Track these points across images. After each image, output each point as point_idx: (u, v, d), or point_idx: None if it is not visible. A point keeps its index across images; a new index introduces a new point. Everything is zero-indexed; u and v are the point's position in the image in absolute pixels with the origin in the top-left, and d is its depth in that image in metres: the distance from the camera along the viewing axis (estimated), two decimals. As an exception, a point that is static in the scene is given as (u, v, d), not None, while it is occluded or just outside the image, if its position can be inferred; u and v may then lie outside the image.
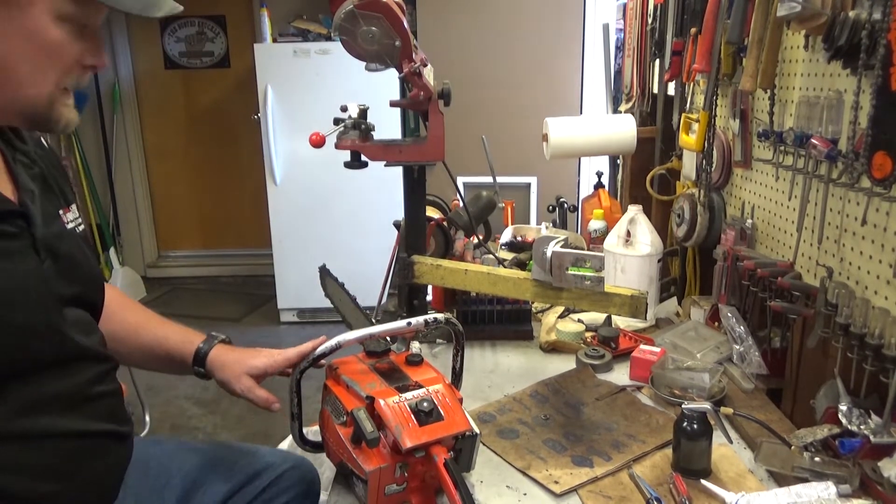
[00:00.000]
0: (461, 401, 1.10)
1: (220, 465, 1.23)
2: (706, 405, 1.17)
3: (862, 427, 1.07)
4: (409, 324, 1.16)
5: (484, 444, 1.26)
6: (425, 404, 1.04)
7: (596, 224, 2.29)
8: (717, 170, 1.78)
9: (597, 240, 2.22)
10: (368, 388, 1.08)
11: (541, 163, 2.74)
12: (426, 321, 1.17)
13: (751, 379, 1.44)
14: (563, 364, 1.59)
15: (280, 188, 4.19)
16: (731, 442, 1.22)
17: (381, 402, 1.04)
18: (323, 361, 1.14)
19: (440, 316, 1.18)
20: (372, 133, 1.48)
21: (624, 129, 2.11)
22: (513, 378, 1.54)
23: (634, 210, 1.91)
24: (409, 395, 1.06)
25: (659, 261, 1.91)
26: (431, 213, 1.93)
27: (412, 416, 1.03)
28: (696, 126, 1.79)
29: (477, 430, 1.08)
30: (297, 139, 4.10)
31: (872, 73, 1.07)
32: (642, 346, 1.54)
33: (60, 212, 1.01)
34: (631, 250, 1.88)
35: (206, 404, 3.32)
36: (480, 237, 2.00)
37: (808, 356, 1.32)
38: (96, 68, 0.87)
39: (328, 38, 4.08)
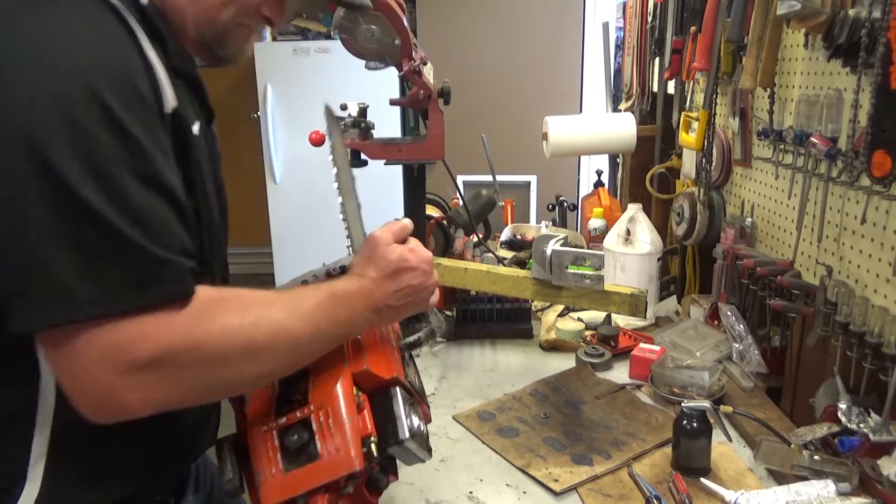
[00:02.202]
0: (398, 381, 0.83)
1: None
2: (706, 403, 1.17)
3: (861, 425, 1.07)
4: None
5: (483, 443, 1.26)
6: (294, 438, 0.74)
7: (596, 222, 2.29)
8: (716, 168, 1.78)
9: (596, 238, 2.22)
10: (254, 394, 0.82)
11: (540, 161, 2.74)
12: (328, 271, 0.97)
13: (750, 377, 1.44)
14: (562, 362, 1.60)
15: (280, 187, 4.19)
16: (730, 440, 1.22)
17: (248, 433, 0.78)
18: None
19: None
20: (372, 131, 1.48)
21: (624, 127, 2.11)
22: (512, 376, 1.54)
23: (634, 208, 1.91)
24: (282, 417, 0.77)
25: (658, 259, 1.91)
26: (431, 211, 1.94)
27: (278, 454, 0.74)
28: (695, 124, 1.79)
29: (406, 434, 0.78)
30: (296, 137, 4.10)
31: (872, 72, 1.07)
32: (642, 345, 1.54)
33: None
34: (631, 249, 1.88)
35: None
36: (480, 236, 2.00)
37: (807, 354, 1.32)
38: (273, 23, 0.94)
39: (328, 37, 4.08)
